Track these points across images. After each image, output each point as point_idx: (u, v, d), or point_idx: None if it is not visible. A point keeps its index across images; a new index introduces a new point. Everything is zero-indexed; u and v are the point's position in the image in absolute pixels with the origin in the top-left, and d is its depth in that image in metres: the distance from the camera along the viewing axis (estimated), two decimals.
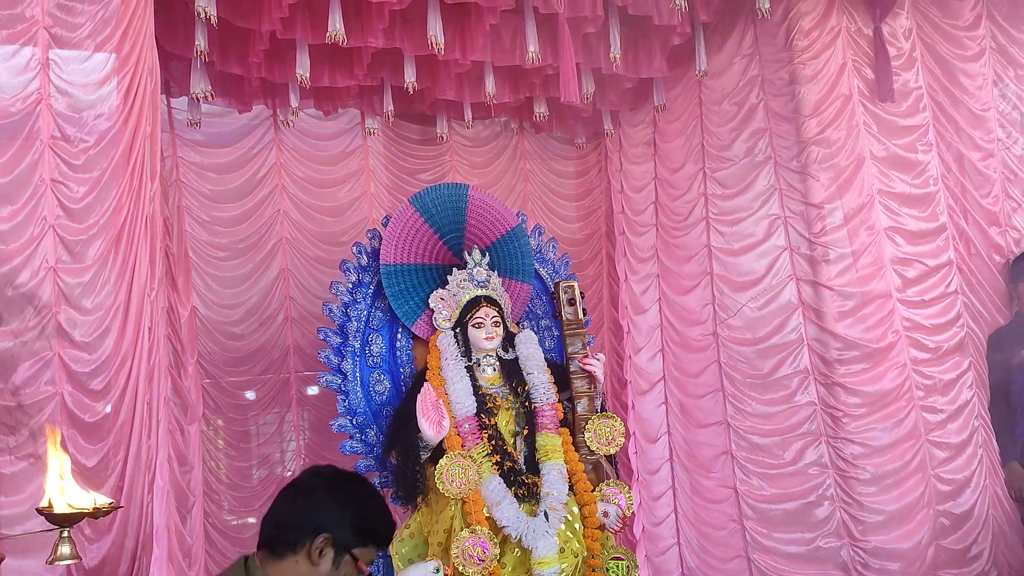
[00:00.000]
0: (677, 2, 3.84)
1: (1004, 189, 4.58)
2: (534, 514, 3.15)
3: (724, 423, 4.59)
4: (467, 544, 3.00)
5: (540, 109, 4.69)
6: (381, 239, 3.60)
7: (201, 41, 3.68)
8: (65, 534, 1.43)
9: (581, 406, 3.42)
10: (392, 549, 3.29)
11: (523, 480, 3.23)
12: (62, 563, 1.45)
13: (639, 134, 5.02)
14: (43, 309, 2.84)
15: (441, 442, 3.21)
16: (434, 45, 3.82)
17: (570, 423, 3.44)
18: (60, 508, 1.42)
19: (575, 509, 3.22)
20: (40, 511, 1.43)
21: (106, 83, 3.01)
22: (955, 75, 4.55)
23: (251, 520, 4.27)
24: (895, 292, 4.28)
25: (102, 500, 1.47)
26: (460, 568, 2.98)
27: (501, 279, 3.63)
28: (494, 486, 3.17)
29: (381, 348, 3.61)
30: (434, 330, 3.52)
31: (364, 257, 3.64)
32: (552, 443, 3.32)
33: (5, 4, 2.86)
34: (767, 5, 4.17)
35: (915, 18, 4.53)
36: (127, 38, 3.04)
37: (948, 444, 4.27)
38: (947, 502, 4.24)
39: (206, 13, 3.49)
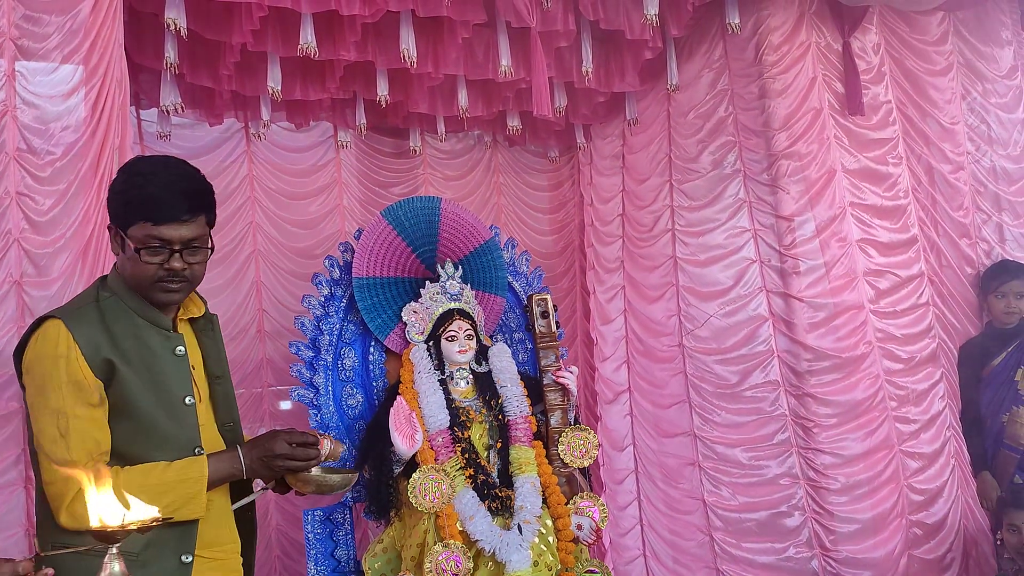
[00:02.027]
0: (648, 17, 3.85)
1: (974, 201, 4.64)
2: (508, 527, 3.13)
3: (691, 434, 4.56)
4: (440, 558, 2.98)
5: (513, 123, 4.69)
6: (354, 252, 3.59)
7: (171, 53, 3.64)
8: (114, 551, 1.39)
9: (554, 419, 3.42)
10: (365, 564, 3.27)
11: (496, 493, 3.21)
12: None
13: (608, 147, 5.03)
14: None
15: (414, 456, 3.19)
16: (406, 59, 3.81)
17: (543, 436, 3.43)
18: (105, 524, 1.38)
19: (549, 522, 3.20)
20: (92, 532, 1.39)
21: (73, 95, 2.97)
22: (924, 89, 4.60)
23: None
24: (867, 303, 4.30)
25: (145, 514, 1.42)
26: None
27: (474, 292, 3.62)
28: (467, 500, 3.15)
29: (353, 362, 3.58)
30: (407, 343, 3.51)
31: (336, 270, 3.62)
32: (525, 456, 3.31)
33: None
34: (736, 20, 4.21)
35: (883, 33, 4.57)
36: (95, 50, 3.00)
37: (921, 454, 4.29)
38: (920, 512, 4.25)
39: (176, 25, 3.46)
